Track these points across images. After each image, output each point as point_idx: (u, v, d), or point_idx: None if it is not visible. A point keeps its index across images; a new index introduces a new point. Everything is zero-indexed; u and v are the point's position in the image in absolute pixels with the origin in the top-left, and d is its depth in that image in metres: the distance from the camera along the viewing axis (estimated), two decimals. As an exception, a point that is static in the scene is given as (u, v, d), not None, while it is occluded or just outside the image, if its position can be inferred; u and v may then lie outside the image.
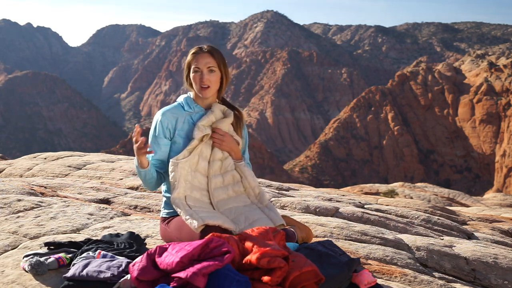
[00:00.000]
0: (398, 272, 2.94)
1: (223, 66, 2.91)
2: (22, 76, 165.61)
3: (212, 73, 2.87)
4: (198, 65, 2.86)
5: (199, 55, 2.88)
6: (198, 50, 2.91)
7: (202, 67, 2.86)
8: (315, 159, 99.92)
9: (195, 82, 2.89)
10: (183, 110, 2.94)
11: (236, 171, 2.97)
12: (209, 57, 2.87)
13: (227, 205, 2.90)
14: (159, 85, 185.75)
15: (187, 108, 2.95)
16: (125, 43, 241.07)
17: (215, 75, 2.88)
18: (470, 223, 5.81)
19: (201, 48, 2.91)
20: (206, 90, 2.88)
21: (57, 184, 5.02)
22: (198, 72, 2.87)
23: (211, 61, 2.87)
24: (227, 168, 2.95)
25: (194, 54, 2.89)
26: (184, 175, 2.82)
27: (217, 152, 2.92)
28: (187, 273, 2.08)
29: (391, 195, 16.67)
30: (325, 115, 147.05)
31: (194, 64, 2.87)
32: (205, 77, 2.85)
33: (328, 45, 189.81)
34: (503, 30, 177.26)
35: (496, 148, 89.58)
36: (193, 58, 2.89)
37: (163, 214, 3.00)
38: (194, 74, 2.88)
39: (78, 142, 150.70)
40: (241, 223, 2.78)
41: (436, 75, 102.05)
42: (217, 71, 2.89)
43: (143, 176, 2.87)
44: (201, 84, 2.86)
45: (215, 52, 2.90)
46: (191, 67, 2.89)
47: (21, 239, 2.97)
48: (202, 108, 2.96)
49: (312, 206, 4.64)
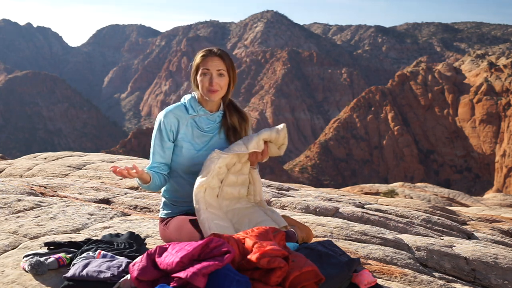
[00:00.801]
0: (398, 272, 2.94)
1: (232, 71, 2.87)
2: (22, 76, 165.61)
3: (222, 77, 2.83)
4: (208, 67, 2.81)
5: (209, 58, 2.82)
6: (208, 52, 2.84)
7: (212, 71, 2.81)
8: (315, 159, 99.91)
9: (203, 85, 2.83)
10: (187, 113, 2.89)
11: (248, 175, 2.97)
12: (219, 60, 2.82)
13: (232, 206, 2.89)
14: (159, 85, 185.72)
15: (191, 111, 2.89)
16: (125, 43, 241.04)
17: (224, 79, 2.84)
18: (470, 223, 5.81)
19: (211, 51, 2.85)
20: (215, 94, 2.83)
21: (57, 184, 5.02)
22: (207, 75, 2.81)
23: (221, 64, 2.82)
24: (243, 171, 2.93)
25: (204, 56, 2.83)
26: (217, 170, 2.77)
27: (244, 156, 2.91)
28: (187, 273, 2.08)
29: (391, 195, 16.66)
30: (325, 115, 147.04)
31: (204, 67, 2.82)
32: (215, 81, 2.80)
33: (328, 45, 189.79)
34: (503, 30, 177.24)
35: (496, 148, 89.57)
36: (203, 61, 2.83)
37: (161, 215, 2.99)
38: (203, 77, 2.82)
39: (78, 142, 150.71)
40: (245, 225, 2.77)
41: (436, 75, 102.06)
42: (226, 76, 2.84)
43: (147, 187, 2.85)
44: (210, 87, 2.81)
45: (226, 56, 2.85)
46: (200, 69, 2.84)
47: (21, 239, 2.97)
48: (206, 111, 2.91)
49: (312, 206, 4.63)
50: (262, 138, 2.82)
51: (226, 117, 2.95)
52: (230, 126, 2.95)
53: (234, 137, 2.94)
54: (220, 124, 2.95)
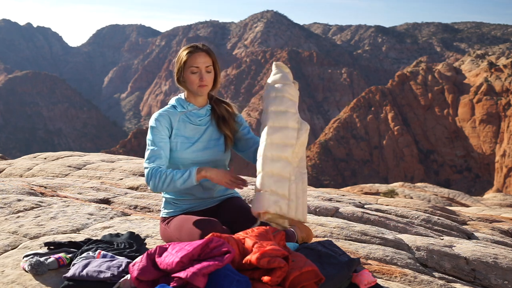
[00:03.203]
0: (398, 272, 2.94)
1: (217, 64, 2.91)
2: (22, 76, 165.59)
3: (210, 72, 2.86)
4: (197, 65, 2.81)
5: (197, 54, 2.82)
6: (194, 49, 2.84)
7: (201, 67, 2.82)
8: (315, 159, 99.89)
9: (192, 82, 2.84)
10: (176, 111, 2.92)
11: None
12: (206, 56, 2.84)
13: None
14: (159, 85, 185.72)
15: (180, 108, 2.92)
16: (125, 43, 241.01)
17: (211, 74, 2.88)
18: (470, 223, 5.81)
19: (197, 47, 2.85)
20: (204, 88, 2.86)
21: (57, 184, 5.02)
22: (197, 72, 2.82)
23: (208, 60, 2.84)
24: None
25: (190, 53, 2.83)
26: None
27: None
28: (187, 273, 2.08)
29: (391, 195, 16.66)
30: (325, 115, 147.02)
31: (192, 64, 2.81)
32: (205, 77, 2.83)
33: (328, 45, 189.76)
34: (503, 30, 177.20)
35: (496, 148, 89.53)
36: (190, 57, 2.82)
37: (163, 214, 2.99)
38: (192, 74, 2.82)
39: (78, 142, 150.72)
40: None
41: (436, 75, 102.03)
42: (212, 71, 2.88)
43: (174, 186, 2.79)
44: (201, 83, 2.84)
45: (210, 50, 2.88)
46: (187, 67, 2.83)
47: (21, 239, 2.97)
48: (195, 106, 2.95)
49: (312, 206, 4.63)
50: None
51: (215, 109, 3.00)
52: (220, 116, 2.99)
53: (224, 125, 2.97)
54: (211, 116, 2.99)
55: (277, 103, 2.69)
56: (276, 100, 2.70)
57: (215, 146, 2.94)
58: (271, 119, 2.66)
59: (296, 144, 2.64)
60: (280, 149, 2.60)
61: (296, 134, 2.65)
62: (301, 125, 2.68)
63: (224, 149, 2.97)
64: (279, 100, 2.69)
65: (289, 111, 2.68)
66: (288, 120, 2.65)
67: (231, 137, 2.98)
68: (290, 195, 2.58)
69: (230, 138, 2.97)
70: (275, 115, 2.66)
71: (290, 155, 2.61)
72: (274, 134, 2.61)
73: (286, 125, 2.64)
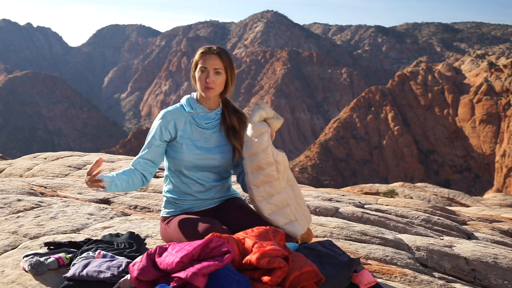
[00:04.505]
0: (398, 272, 2.94)
1: (230, 69, 2.88)
2: (22, 76, 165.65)
3: (218, 75, 2.85)
4: (205, 65, 2.83)
5: (207, 55, 2.85)
6: (206, 50, 2.88)
7: (209, 68, 2.83)
8: (315, 159, 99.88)
9: (200, 82, 2.85)
10: (184, 111, 2.91)
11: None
12: (217, 59, 2.84)
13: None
14: (159, 85, 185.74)
15: (188, 109, 2.92)
16: (125, 43, 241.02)
17: (220, 77, 2.86)
18: (470, 223, 5.81)
19: (210, 49, 2.88)
20: (210, 91, 2.85)
21: (57, 184, 5.02)
22: (204, 72, 2.85)
23: (218, 63, 2.84)
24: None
25: (203, 53, 2.87)
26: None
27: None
28: (187, 273, 2.08)
29: (391, 195, 16.64)
30: (325, 115, 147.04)
31: (201, 64, 2.85)
32: (211, 78, 2.83)
33: (328, 45, 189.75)
34: (503, 30, 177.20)
35: (496, 148, 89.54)
36: (201, 58, 2.86)
37: (163, 214, 3.00)
38: (200, 73, 2.85)
39: (78, 142, 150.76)
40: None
41: (436, 75, 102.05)
42: (223, 74, 2.86)
43: (115, 189, 2.85)
44: (206, 84, 2.84)
45: (224, 54, 2.87)
46: (198, 66, 2.87)
47: (21, 239, 2.97)
48: (205, 109, 2.93)
49: (312, 206, 4.63)
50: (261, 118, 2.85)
51: (225, 117, 2.97)
52: (230, 126, 2.96)
53: (234, 136, 2.94)
54: (220, 122, 2.96)
55: (248, 148, 2.81)
56: (247, 145, 2.82)
57: (220, 153, 2.91)
58: (248, 165, 2.81)
59: (279, 175, 2.81)
60: (266, 188, 2.80)
61: (275, 167, 2.80)
62: (277, 157, 2.81)
63: (232, 158, 2.96)
64: (249, 145, 2.81)
65: (259, 152, 2.78)
66: (261, 161, 2.78)
67: (240, 150, 2.92)
68: (295, 215, 2.85)
69: (239, 151, 2.94)
70: (249, 161, 2.80)
71: (278, 185, 2.81)
72: (255, 179, 2.80)
73: (261, 167, 2.79)
